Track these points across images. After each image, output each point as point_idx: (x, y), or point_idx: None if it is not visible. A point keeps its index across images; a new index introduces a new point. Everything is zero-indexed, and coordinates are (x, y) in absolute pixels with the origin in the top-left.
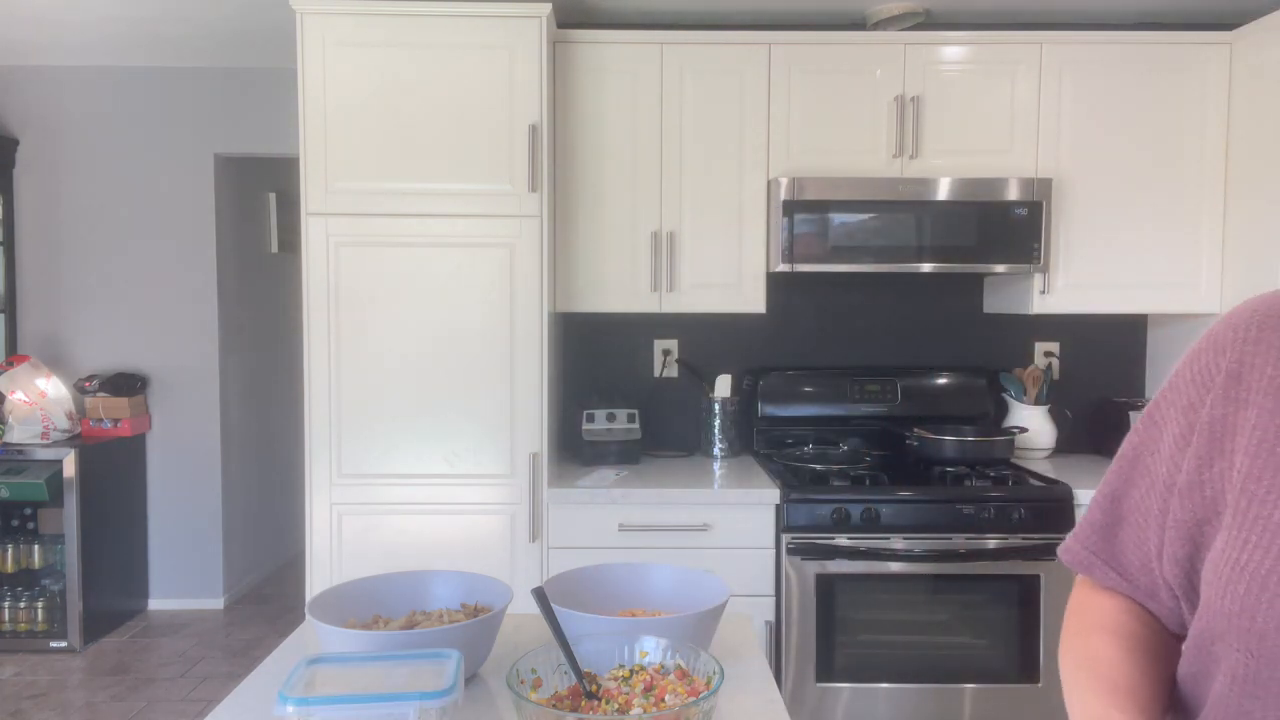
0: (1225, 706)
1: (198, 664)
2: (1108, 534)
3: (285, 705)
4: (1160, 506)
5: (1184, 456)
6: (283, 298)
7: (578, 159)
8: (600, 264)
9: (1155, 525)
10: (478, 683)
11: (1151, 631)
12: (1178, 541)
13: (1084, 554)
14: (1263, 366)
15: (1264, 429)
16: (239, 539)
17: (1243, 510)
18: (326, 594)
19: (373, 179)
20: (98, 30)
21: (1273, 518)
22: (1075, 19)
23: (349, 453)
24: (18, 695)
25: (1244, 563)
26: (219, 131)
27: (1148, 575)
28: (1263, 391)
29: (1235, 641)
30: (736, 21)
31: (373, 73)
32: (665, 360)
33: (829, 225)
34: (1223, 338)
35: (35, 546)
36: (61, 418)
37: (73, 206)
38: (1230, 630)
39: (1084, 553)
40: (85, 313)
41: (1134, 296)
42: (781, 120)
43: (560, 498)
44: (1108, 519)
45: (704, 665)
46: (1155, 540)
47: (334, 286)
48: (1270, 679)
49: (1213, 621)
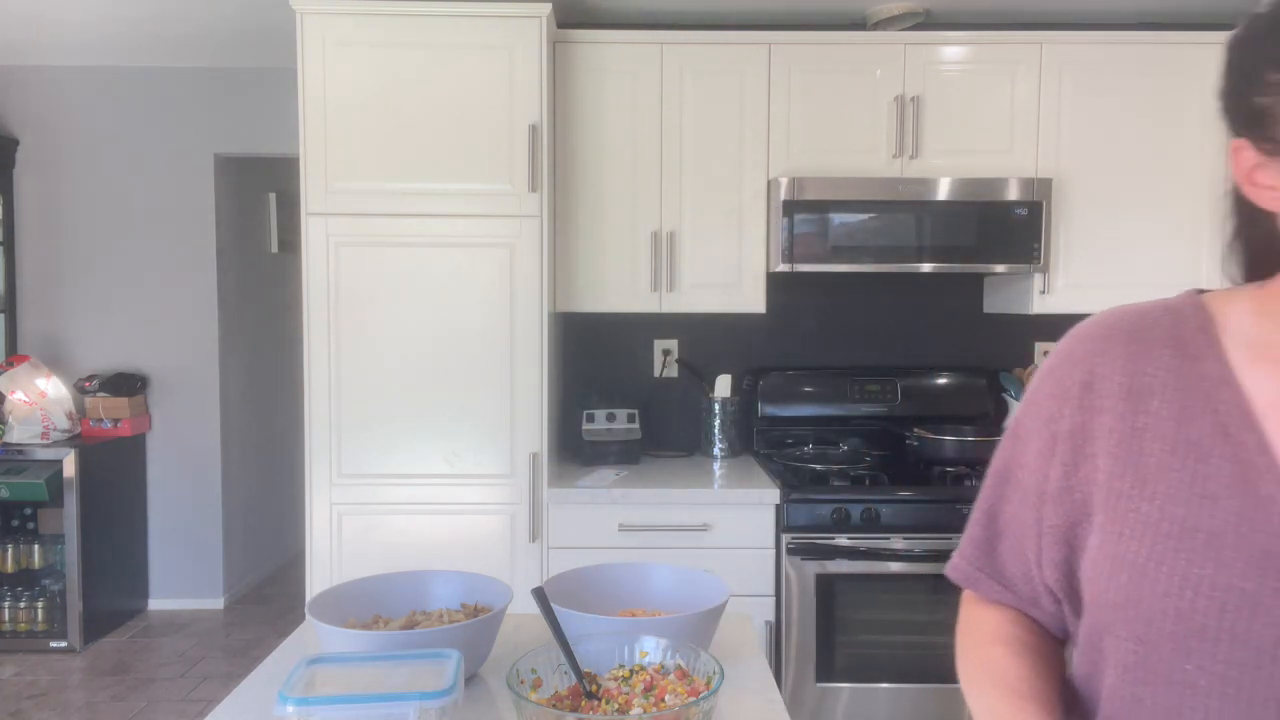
0: (1119, 698)
1: (198, 664)
2: (988, 548)
3: (285, 705)
4: (1034, 516)
5: (1050, 466)
6: (283, 298)
7: (578, 159)
8: (600, 264)
9: (1032, 534)
10: (478, 683)
11: (1038, 638)
12: (1054, 546)
13: (969, 570)
14: (1111, 374)
15: (1119, 431)
16: (239, 539)
17: (1112, 507)
18: (326, 594)
19: (373, 179)
20: (98, 30)
21: (1140, 510)
22: (1075, 19)
23: (349, 453)
24: (18, 695)
25: (1122, 555)
26: (219, 131)
27: (1029, 584)
28: (1114, 396)
29: (1123, 631)
30: (736, 21)
31: (373, 73)
32: (665, 360)
33: (829, 225)
34: (1074, 353)
35: (35, 546)
36: (61, 418)
37: (73, 206)
38: (1117, 621)
39: (969, 569)
40: (85, 313)
41: (1134, 296)
42: (781, 120)
43: (560, 498)
44: (987, 534)
45: (704, 665)
46: (1033, 549)
47: (334, 286)
48: (1158, 663)
49: (1100, 616)
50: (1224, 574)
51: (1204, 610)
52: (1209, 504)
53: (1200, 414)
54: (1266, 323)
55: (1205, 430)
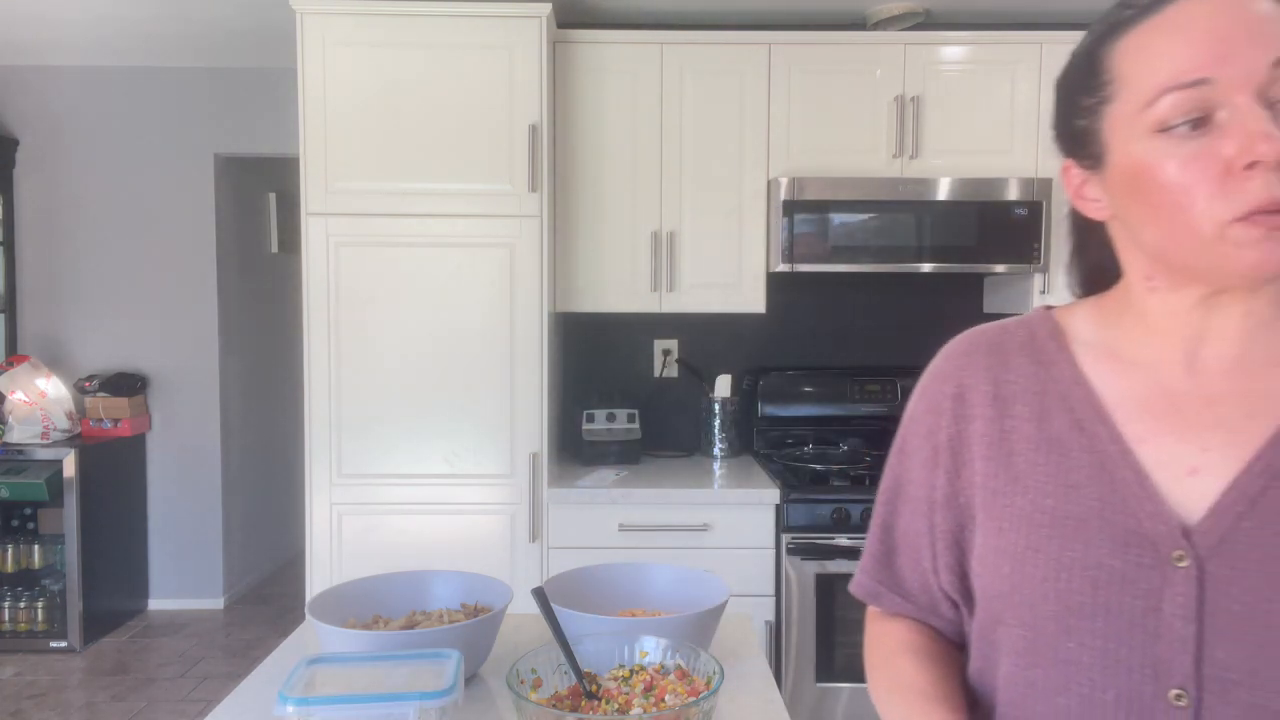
0: (1012, 685)
1: (198, 664)
2: (887, 563)
3: (285, 705)
4: (926, 525)
5: (935, 475)
6: (283, 298)
7: (578, 159)
8: (600, 264)
9: (926, 544)
10: (478, 683)
11: (939, 645)
12: (947, 551)
13: (871, 585)
14: (978, 385)
15: (990, 435)
16: (239, 539)
17: (990, 505)
18: (326, 594)
19: (373, 179)
20: (98, 30)
21: (1015, 504)
22: (1075, 19)
23: (349, 453)
24: (18, 695)
25: (1002, 547)
26: (219, 131)
27: (927, 594)
28: (982, 405)
29: (1011, 618)
30: (736, 21)
31: (373, 73)
32: (665, 360)
33: (829, 225)
34: (943, 369)
35: (35, 546)
36: (61, 418)
37: (73, 206)
38: (1005, 610)
39: (871, 584)
40: (85, 313)
41: None
42: (781, 120)
43: (560, 498)
44: (885, 549)
45: (704, 665)
46: (928, 557)
47: (334, 286)
48: (1044, 645)
49: (989, 608)
50: (1093, 554)
51: (1079, 589)
52: (1074, 492)
53: (1058, 413)
54: (1106, 329)
55: (1064, 427)
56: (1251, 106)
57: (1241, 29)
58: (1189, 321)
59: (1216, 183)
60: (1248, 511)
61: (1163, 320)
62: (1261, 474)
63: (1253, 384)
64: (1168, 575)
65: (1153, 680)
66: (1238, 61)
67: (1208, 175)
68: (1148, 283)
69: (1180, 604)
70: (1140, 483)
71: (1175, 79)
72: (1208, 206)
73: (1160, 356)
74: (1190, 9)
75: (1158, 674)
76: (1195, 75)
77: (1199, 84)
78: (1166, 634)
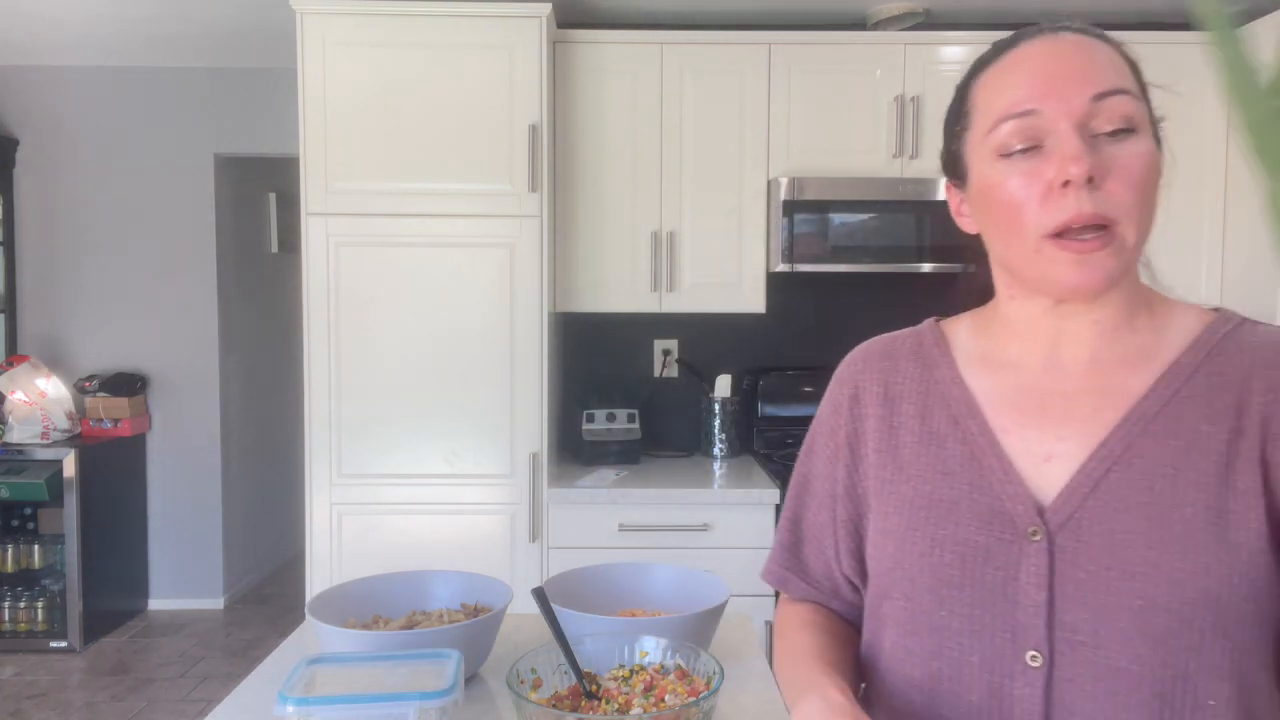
0: (895, 653)
1: (198, 664)
2: (795, 551)
3: (285, 705)
4: (830, 516)
5: (837, 469)
6: (283, 298)
7: (578, 159)
8: (600, 264)
9: (829, 533)
10: (478, 683)
11: (836, 623)
12: (848, 538)
13: (779, 571)
14: (871, 386)
15: (881, 431)
16: (239, 539)
17: (879, 492)
18: (326, 594)
19: (373, 179)
20: (98, 30)
21: (899, 491)
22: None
23: (349, 453)
24: (18, 695)
25: (888, 528)
26: (219, 131)
27: (830, 579)
28: (875, 404)
29: (895, 592)
30: (736, 21)
31: (373, 73)
32: (665, 360)
33: (829, 225)
34: (842, 374)
35: (35, 546)
36: (61, 418)
37: (73, 206)
38: (891, 584)
39: (779, 570)
40: (85, 313)
41: None
42: (781, 120)
43: (560, 498)
44: (793, 539)
45: (704, 665)
46: (831, 545)
47: (334, 286)
48: (921, 614)
49: (878, 583)
50: (962, 531)
51: (950, 563)
52: (949, 479)
53: (938, 409)
54: (981, 336)
55: (942, 422)
56: (1070, 134)
57: (1067, 68)
58: (1045, 327)
59: (1040, 200)
60: (1092, 492)
61: (1024, 327)
62: (1105, 459)
63: (1104, 382)
64: (1024, 549)
65: (1011, 643)
66: (1061, 96)
67: (1034, 193)
68: (1009, 292)
69: (1034, 574)
70: (1004, 469)
71: (1010, 109)
72: (1033, 220)
73: (1024, 359)
74: (1029, 50)
75: (1015, 637)
76: (1025, 107)
77: (1029, 114)
78: (1023, 601)
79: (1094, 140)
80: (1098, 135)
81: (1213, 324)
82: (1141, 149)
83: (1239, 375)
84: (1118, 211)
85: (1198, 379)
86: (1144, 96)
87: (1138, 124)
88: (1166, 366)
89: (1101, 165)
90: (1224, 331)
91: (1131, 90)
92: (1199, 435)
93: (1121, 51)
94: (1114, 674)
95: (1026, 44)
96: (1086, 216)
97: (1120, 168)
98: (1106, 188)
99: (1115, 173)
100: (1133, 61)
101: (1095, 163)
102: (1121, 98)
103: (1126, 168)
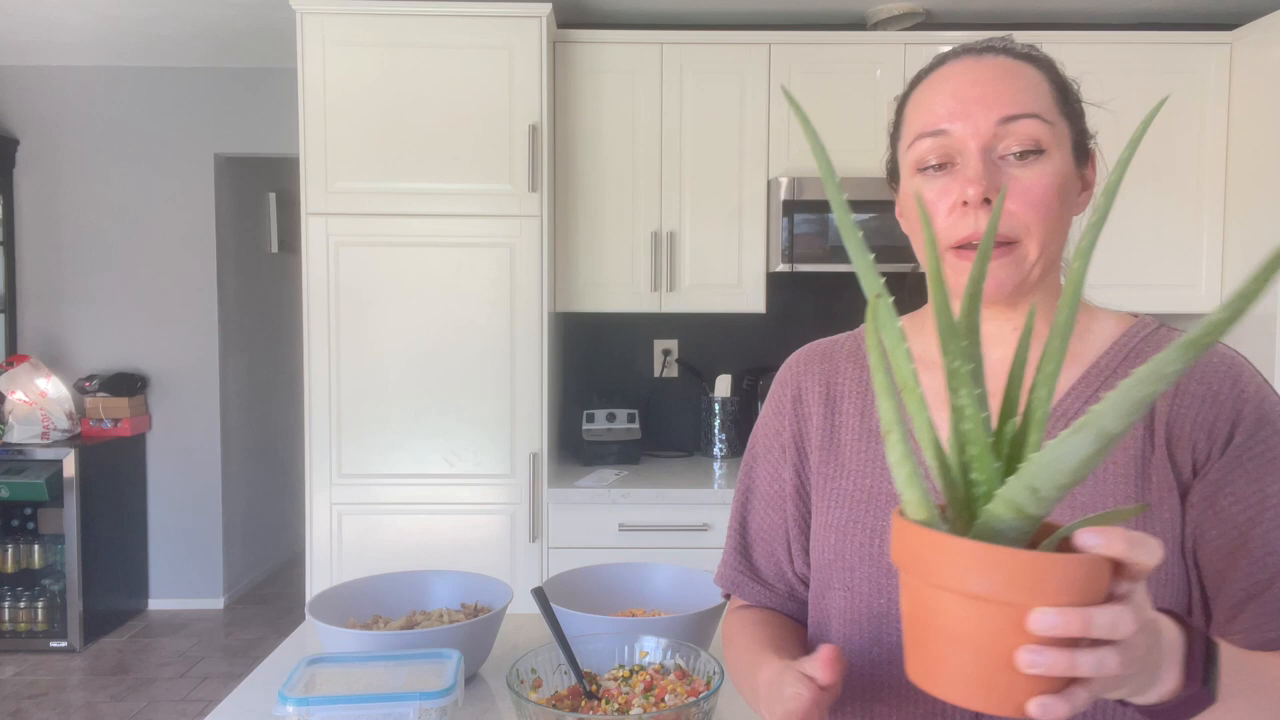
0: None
1: (198, 664)
2: (745, 556)
3: (285, 705)
4: (780, 517)
5: (784, 470)
6: (283, 298)
7: (578, 159)
8: (600, 264)
9: (780, 534)
10: (478, 683)
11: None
12: (800, 537)
13: (733, 575)
14: (813, 387)
15: (823, 430)
16: (239, 539)
17: (822, 489)
18: (326, 594)
19: (373, 179)
20: (98, 30)
21: (841, 486)
22: (1075, 19)
23: (349, 453)
24: (18, 695)
25: (830, 522)
26: (219, 131)
27: (783, 581)
28: (817, 404)
29: (837, 583)
30: (736, 21)
31: (373, 72)
32: (665, 360)
33: (829, 225)
34: (783, 377)
35: (35, 546)
36: (61, 418)
37: (73, 206)
38: (832, 576)
39: (732, 574)
40: (85, 313)
41: (1134, 296)
42: (781, 120)
43: (560, 498)
44: (742, 544)
45: (704, 665)
46: (783, 547)
47: (334, 286)
48: (862, 603)
49: (820, 575)
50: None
51: (888, 553)
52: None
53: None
54: (916, 339)
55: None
56: (974, 156)
57: (979, 91)
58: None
59: (946, 214)
60: None
61: None
62: None
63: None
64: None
65: None
66: (970, 118)
67: (941, 208)
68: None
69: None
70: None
71: (925, 128)
72: (940, 232)
73: None
74: (949, 71)
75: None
76: (937, 126)
77: (940, 134)
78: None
79: (1001, 161)
80: (1005, 156)
81: (1131, 328)
82: (1046, 170)
83: None
84: (1015, 230)
85: (1116, 379)
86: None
87: (1047, 145)
88: (1089, 365)
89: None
90: (1142, 335)
91: (1041, 114)
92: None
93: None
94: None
95: (951, 64)
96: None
97: (1022, 189)
98: (1006, 207)
99: (1015, 193)
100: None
101: (993, 185)
102: (1029, 121)
103: (1028, 189)
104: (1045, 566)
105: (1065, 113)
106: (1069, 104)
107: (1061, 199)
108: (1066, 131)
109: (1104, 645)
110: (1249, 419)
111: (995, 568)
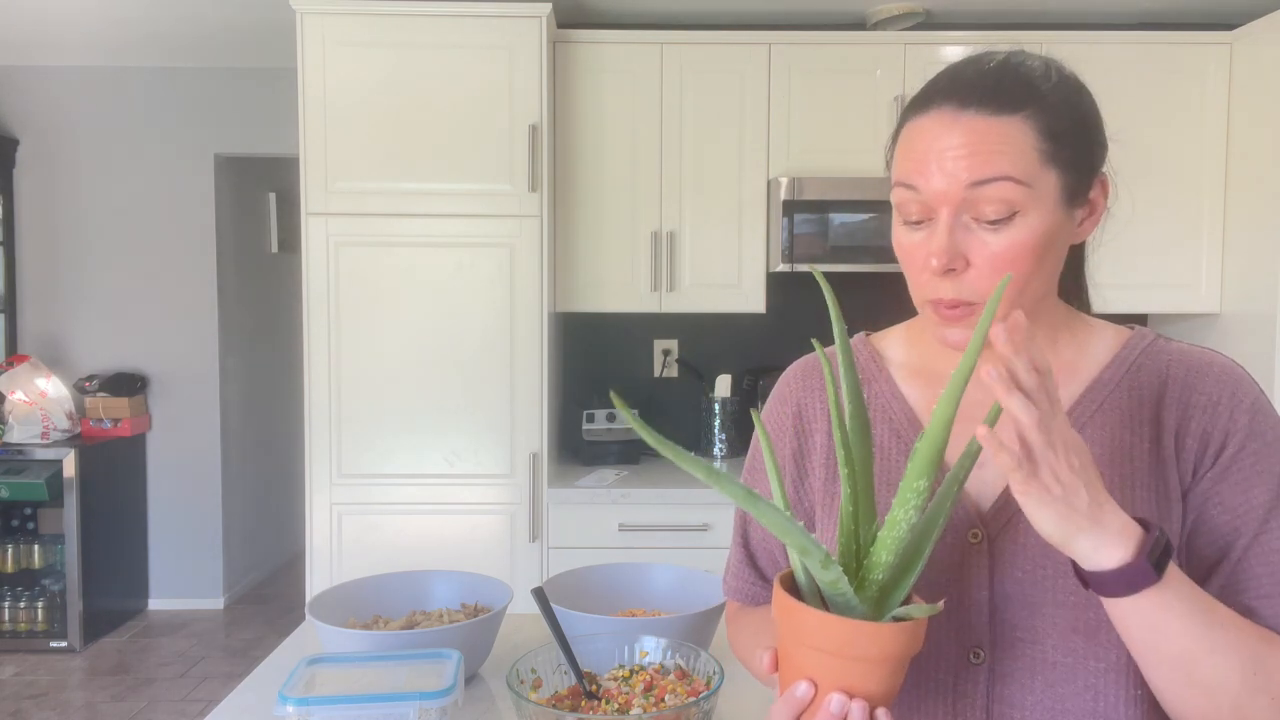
0: None
1: (198, 664)
2: (751, 565)
3: (285, 705)
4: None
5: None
6: (283, 298)
7: (578, 159)
8: (600, 264)
9: (779, 546)
10: (478, 683)
11: None
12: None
13: (741, 584)
14: (814, 403)
15: (826, 447)
16: (239, 539)
17: (825, 506)
18: (326, 594)
19: (373, 179)
20: (98, 30)
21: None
22: (1075, 19)
23: (349, 453)
24: (18, 695)
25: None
26: (219, 131)
27: None
28: (820, 420)
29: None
30: (736, 21)
31: (373, 72)
32: (665, 360)
33: (829, 225)
34: (784, 391)
35: (35, 546)
36: (61, 418)
37: (73, 206)
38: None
39: (740, 583)
40: (85, 313)
41: (1134, 297)
42: (781, 120)
43: (560, 498)
44: (746, 555)
45: (704, 665)
46: (784, 556)
47: (334, 286)
48: None
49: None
50: None
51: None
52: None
53: (880, 423)
54: (915, 348)
55: (885, 434)
56: (942, 224)
57: (948, 151)
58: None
59: (918, 271)
60: None
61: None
62: None
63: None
64: (967, 552)
65: (956, 642)
66: (936, 181)
67: (914, 263)
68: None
69: (976, 575)
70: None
71: (901, 178)
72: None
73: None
74: (925, 124)
75: (960, 636)
76: (911, 181)
77: (910, 188)
78: (967, 601)
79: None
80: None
81: (1130, 341)
82: (1019, 233)
83: (1154, 389)
84: (978, 294)
85: (1120, 392)
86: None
87: (1021, 206)
88: (1091, 380)
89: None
90: (1141, 348)
91: (1015, 176)
92: (1125, 443)
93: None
94: (1050, 667)
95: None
96: (947, 301)
97: (988, 256)
98: (969, 275)
99: (981, 261)
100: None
101: (957, 255)
102: (1001, 185)
103: (995, 255)
104: (863, 631)
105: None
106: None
107: (1038, 254)
108: (1054, 182)
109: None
110: (1241, 430)
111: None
